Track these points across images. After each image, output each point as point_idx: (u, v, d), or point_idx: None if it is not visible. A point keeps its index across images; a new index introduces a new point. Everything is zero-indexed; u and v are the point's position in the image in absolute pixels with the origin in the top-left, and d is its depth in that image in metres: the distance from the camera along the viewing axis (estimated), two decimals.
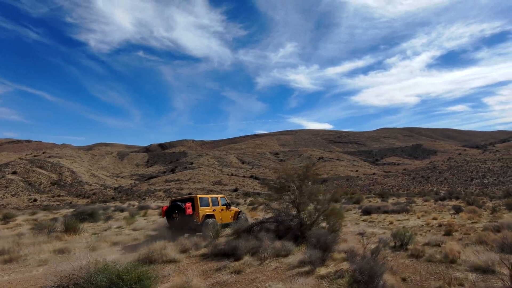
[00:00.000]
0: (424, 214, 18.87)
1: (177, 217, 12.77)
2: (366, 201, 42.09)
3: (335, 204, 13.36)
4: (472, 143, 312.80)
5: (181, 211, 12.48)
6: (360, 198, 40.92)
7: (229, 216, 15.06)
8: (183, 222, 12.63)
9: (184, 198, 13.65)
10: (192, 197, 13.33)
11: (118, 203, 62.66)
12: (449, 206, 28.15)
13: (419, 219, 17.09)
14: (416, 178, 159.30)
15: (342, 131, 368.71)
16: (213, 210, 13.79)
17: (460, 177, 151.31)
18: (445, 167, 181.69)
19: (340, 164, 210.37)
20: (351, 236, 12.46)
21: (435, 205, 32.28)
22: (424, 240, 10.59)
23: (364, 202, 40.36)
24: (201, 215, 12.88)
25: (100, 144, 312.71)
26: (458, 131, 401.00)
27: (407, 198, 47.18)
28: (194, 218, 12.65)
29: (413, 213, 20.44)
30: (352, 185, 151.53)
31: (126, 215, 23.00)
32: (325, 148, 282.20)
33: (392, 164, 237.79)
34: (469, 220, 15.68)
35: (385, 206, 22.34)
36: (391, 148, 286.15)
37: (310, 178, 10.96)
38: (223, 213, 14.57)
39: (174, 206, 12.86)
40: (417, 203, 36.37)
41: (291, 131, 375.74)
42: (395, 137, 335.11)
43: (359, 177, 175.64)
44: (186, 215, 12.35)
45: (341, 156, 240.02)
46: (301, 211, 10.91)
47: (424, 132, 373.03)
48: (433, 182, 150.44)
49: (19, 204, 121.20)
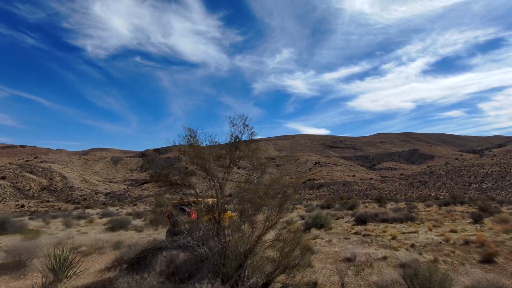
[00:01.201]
0: (436, 224, 14.05)
1: None
2: (362, 206, 37.40)
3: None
4: (468, 148, 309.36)
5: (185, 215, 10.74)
6: (355, 203, 35.99)
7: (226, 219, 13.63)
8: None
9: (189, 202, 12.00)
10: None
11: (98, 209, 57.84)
12: (457, 212, 23.45)
13: (431, 232, 12.26)
14: (413, 183, 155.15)
15: (339, 136, 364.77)
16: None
17: (458, 182, 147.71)
18: (442, 171, 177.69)
19: (336, 169, 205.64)
20: (332, 264, 7.61)
21: (440, 211, 27.58)
22: (462, 278, 5.72)
23: (360, 207, 35.61)
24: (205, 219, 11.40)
25: (96, 149, 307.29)
26: (454, 136, 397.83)
27: (407, 203, 42.42)
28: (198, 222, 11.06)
29: (420, 223, 15.63)
30: (348, 190, 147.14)
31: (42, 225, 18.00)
32: (322, 153, 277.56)
33: (389, 169, 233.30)
34: (505, 233, 10.85)
35: (384, 213, 17.52)
36: (387, 153, 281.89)
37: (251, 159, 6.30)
38: (220, 218, 13.06)
39: (178, 210, 10.96)
40: (419, 209, 31.70)
41: (287, 136, 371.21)
42: (392, 142, 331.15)
43: (356, 182, 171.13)
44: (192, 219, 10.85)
45: (338, 161, 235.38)
46: (225, 228, 6.12)
47: (421, 137, 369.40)
48: (431, 187, 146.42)
49: (6, 210, 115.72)
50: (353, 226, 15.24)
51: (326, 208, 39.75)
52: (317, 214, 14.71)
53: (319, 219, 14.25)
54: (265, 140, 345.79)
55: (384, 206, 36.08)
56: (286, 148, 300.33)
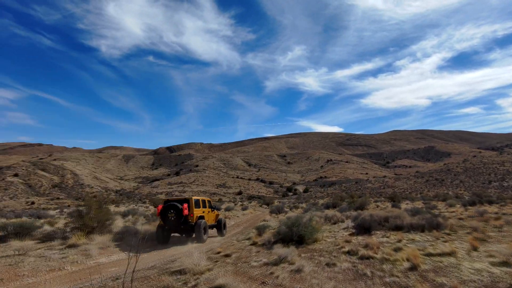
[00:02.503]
0: (479, 236, 8.86)
1: (173, 217, 12.52)
2: (373, 205, 32.06)
3: None
4: (487, 145, 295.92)
5: (177, 211, 12.40)
6: (365, 202, 30.57)
7: (212, 218, 15.23)
8: (179, 222, 12.49)
9: (179, 199, 13.36)
10: (188, 198, 13.23)
11: None
12: (490, 214, 17.94)
13: (478, 253, 7.07)
14: (429, 181, 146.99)
15: (352, 134, 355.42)
16: (203, 212, 13.81)
17: (477, 180, 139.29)
18: (460, 169, 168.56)
19: (349, 167, 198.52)
20: None
21: (468, 212, 22.01)
22: None
23: (371, 207, 30.26)
24: (195, 216, 12.98)
25: (110, 147, 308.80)
26: (472, 133, 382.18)
27: (425, 203, 36.74)
28: (189, 218, 12.72)
29: (451, 232, 10.44)
30: (361, 188, 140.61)
31: None
32: (334, 151, 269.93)
33: (403, 167, 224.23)
34: None
35: (397, 216, 12.33)
36: (402, 150, 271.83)
37: None
38: (209, 215, 14.75)
39: (170, 206, 12.60)
40: (440, 209, 26.33)
41: (299, 133, 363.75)
42: (407, 140, 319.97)
43: (369, 180, 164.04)
44: (183, 216, 12.39)
45: (351, 159, 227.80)
46: None
47: (437, 135, 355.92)
48: (448, 185, 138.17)
49: (16, 207, 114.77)
50: (351, 236, 10.18)
51: (332, 207, 34.49)
52: (295, 219, 9.66)
53: (296, 227, 9.24)
54: (276, 137, 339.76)
55: (398, 205, 30.66)
56: (298, 145, 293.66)
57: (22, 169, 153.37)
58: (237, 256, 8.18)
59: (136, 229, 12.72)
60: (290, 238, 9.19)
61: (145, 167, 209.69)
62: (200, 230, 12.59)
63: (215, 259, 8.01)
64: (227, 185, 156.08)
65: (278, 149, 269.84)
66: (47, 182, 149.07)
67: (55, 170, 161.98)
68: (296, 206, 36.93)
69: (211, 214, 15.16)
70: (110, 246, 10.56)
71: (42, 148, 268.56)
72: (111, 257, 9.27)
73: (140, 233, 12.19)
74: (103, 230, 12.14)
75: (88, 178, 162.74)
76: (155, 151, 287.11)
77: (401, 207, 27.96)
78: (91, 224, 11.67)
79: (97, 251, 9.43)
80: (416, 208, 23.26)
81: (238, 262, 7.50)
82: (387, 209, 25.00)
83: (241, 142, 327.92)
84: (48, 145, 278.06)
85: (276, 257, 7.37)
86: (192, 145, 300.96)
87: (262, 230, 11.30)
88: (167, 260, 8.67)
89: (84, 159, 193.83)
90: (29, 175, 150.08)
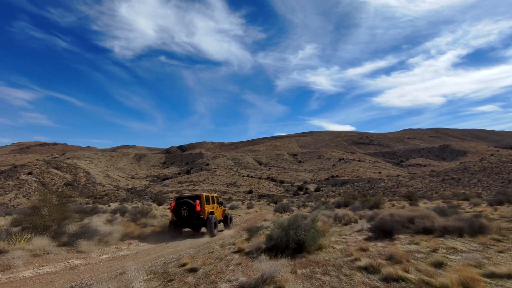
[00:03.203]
0: None
1: (186, 213, 12.94)
2: (388, 204, 29.22)
3: None
4: (505, 143, 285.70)
5: (190, 208, 12.95)
6: (379, 201, 27.76)
7: (220, 213, 15.79)
8: (191, 217, 12.99)
9: (191, 196, 13.90)
10: (198, 195, 13.82)
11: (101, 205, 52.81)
12: None
13: None
14: (445, 180, 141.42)
15: (364, 132, 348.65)
16: (212, 208, 14.35)
17: (496, 179, 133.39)
18: (477, 168, 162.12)
19: (361, 166, 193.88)
20: None
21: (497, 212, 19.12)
22: None
23: (385, 206, 27.47)
24: (207, 212, 13.54)
25: (123, 146, 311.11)
26: (488, 131, 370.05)
27: (445, 201, 33.62)
28: (201, 214, 13.21)
29: (502, 238, 7.84)
30: (374, 187, 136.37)
31: None
32: (346, 150, 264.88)
33: (417, 166, 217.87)
34: None
35: (425, 216, 9.77)
36: (416, 149, 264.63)
37: None
38: (217, 210, 15.25)
39: (183, 202, 13.16)
40: (465, 209, 23.42)
41: (311, 132, 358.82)
42: (421, 138, 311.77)
43: (382, 179, 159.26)
44: (196, 211, 12.97)
45: (363, 157, 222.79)
46: None
47: (452, 133, 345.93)
48: (465, 184, 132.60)
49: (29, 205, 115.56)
50: (367, 242, 7.68)
51: (343, 206, 31.79)
52: (293, 218, 7.20)
53: (294, 230, 6.79)
54: (287, 136, 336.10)
55: (415, 204, 27.75)
56: (310, 144, 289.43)
57: (36, 168, 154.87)
58: (206, 271, 5.82)
59: (95, 229, 10.45)
60: (285, 245, 6.76)
61: (156, 165, 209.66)
62: (211, 225, 13.04)
63: (171, 275, 5.66)
64: (237, 184, 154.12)
65: (289, 148, 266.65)
66: (60, 180, 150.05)
67: (68, 169, 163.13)
68: (304, 205, 34.31)
69: (219, 209, 15.78)
70: (51, 252, 8.31)
71: (57, 147, 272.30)
72: (42, 269, 7.00)
73: (101, 233, 9.96)
74: (60, 230, 10.02)
75: (100, 176, 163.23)
76: (166, 150, 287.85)
77: (419, 206, 25.11)
78: (41, 224, 9.60)
79: (25, 260, 7.20)
80: (440, 207, 20.34)
81: (202, 283, 5.13)
82: (407, 208, 22.13)
83: (252, 141, 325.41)
84: (63, 144, 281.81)
85: (258, 274, 4.96)
86: (203, 144, 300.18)
87: (253, 233, 8.89)
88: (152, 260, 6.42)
89: (96, 158, 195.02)
90: (43, 174, 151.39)
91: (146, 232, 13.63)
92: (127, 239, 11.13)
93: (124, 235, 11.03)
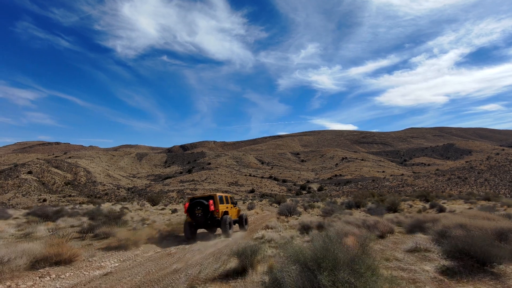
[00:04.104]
0: None
1: (200, 214, 12.74)
2: (403, 205, 25.52)
3: None
4: (509, 142, 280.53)
5: (204, 208, 12.71)
6: (395, 201, 23.93)
7: (235, 213, 15.41)
8: (206, 218, 12.74)
9: (205, 196, 13.67)
10: (212, 195, 13.52)
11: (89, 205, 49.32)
12: None
13: None
14: (451, 179, 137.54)
15: (367, 132, 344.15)
16: (226, 208, 13.95)
17: (504, 178, 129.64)
18: (484, 167, 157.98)
19: (365, 165, 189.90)
20: None
21: None
22: None
23: (403, 207, 23.75)
24: (221, 212, 13.17)
25: (126, 146, 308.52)
26: (493, 130, 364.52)
27: (469, 202, 29.89)
28: (215, 214, 12.92)
29: None
30: (379, 186, 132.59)
31: None
32: (349, 149, 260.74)
33: (421, 165, 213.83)
34: None
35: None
36: (419, 148, 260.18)
37: None
38: (232, 211, 14.86)
39: (197, 203, 12.96)
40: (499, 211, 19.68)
41: (313, 131, 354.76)
42: (424, 137, 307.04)
43: (386, 178, 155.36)
44: (210, 212, 12.69)
45: (366, 157, 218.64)
46: None
47: (455, 132, 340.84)
48: (472, 183, 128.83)
49: (28, 204, 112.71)
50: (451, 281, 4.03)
51: (355, 207, 28.03)
52: (321, 245, 3.49)
53: (329, 272, 3.11)
54: (290, 135, 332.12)
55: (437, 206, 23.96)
56: (312, 143, 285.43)
57: (36, 167, 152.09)
58: None
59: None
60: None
61: (158, 165, 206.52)
62: (226, 225, 12.72)
63: None
64: (239, 183, 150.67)
65: (291, 147, 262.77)
66: (60, 179, 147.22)
67: (68, 168, 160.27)
68: (311, 205, 30.61)
69: (234, 209, 15.40)
70: None
71: (59, 146, 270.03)
72: None
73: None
74: None
75: (101, 175, 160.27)
76: (169, 149, 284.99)
77: (445, 209, 21.41)
78: None
79: None
80: (490, 208, 16.60)
81: None
82: (430, 213, 18.48)
83: (254, 140, 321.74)
84: (65, 143, 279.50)
85: None
86: (205, 143, 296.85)
87: (247, 259, 5.28)
88: None
89: (98, 157, 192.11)
90: (43, 173, 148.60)
91: (95, 247, 9.71)
92: (46, 265, 7.00)
93: (43, 259, 6.97)
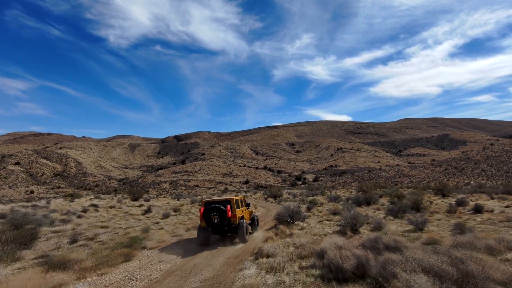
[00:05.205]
0: None
1: (216, 219, 11.97)
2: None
3: None
4: (503, 133, 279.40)
5: (221, 213, 11.99)
6: (418, 199, 19.40)
7: (248, 216, 14.44)
8: (222, 224, 12.00)
9: (220, 200, 12.81)
10: (228, 199, 12.78)
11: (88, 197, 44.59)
12: None
13: None
14: (448, 170, 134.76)
15: (362, 122, 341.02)
16: (242, 212, 13.35)
17: (500, 168, 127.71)
18: (481, 157, 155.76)
19: (360, 155, 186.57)
20: None
21: None
22: None
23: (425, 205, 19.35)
24: (238, 217, 12.58)
25: (119, 136, 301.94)
26: (486, 121, 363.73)
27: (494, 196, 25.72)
28: (232, 220, 12.34)
29: None
30: (375, 177, 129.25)
31: None
32: (344, 139, 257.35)
33: (416, 155, 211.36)
34: None
35: None
36: (414, 138, 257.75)
37: None
38: (246, 213, 14.07)
39: (213, 208, 12.15)
40: None
41: (308, 122, 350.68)
42: (418, 128, 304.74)
43: (382, 168, 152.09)
44: (227, 217, 12.01)
45: (361, 147, 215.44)
46: None
47: (449, 123, 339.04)
48: (469, 173, 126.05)
49: (15, 196, 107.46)
50: None
51: (365, 203, 23.62)
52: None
53: None
54: (285, 126, 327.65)
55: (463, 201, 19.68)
56: (307, 134, 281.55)
57: (25, 158, 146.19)
58: None
59: None
60: None
61: (151, 155, 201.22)
62: (243, 231, 11.94)
63: None
64: (233, 174, 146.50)
65: (286, 137, 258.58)
66: (49, 170, 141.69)
67: (58, 159, 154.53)
68: (313, 201, 26.04)
69: (247, 212, 14.23)
70: None
71: (51, 137, 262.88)
72: None
73: None
74: None
75: (92, 166, 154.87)
76: (163, 140, 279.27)
77: (482, 208, 17.10)
78: None
79: None
80: None
81: None
82: (466, 214, 14.19)
83: (249, 131, 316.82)
84: (57, 134, 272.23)
85: None
86: (200, 134, 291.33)
87: None
88: None
89: (89, 148, 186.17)
90: (31, 164, 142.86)
91: None
92: None
93: None
